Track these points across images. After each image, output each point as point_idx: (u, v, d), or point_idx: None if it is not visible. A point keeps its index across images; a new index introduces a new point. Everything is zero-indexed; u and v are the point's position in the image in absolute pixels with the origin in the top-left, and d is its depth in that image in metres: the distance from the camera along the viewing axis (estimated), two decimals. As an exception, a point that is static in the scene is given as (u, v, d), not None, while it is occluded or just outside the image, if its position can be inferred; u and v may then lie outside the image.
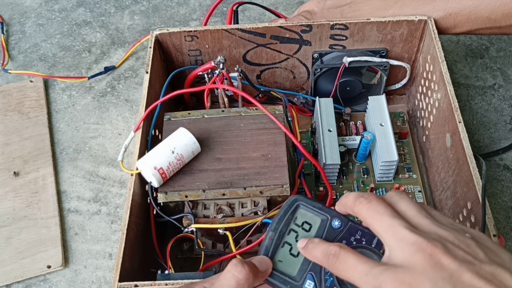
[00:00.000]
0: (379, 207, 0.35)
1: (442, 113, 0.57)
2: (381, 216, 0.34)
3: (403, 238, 0.32)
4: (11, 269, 0.60)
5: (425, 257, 0.31)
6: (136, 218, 0.50)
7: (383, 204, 0.35)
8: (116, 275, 0.45)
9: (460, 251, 0.31)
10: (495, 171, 0.66)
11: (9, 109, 0.75)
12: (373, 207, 0.35)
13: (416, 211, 0.34)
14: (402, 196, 0.36)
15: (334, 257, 0.35)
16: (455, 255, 0.31)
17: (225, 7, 0.87)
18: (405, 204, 0.35)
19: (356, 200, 0.36)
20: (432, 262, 0.31)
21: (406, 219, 0.34)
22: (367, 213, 0.35)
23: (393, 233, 0.33)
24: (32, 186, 0.67)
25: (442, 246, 0.31)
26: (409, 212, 0.35)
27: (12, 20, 0.87)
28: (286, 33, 0.62)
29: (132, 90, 0.77)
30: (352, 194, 0.36)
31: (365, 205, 0.35)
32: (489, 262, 0.31)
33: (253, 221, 0.50)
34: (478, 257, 0.31)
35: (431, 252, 0.31)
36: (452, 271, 0.30)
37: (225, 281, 0.35)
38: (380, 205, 0.35)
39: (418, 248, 0.31)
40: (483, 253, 0.31)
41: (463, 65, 0.77)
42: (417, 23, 0.60)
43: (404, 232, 0.32)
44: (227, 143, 0.55)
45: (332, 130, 0.61)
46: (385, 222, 0.34)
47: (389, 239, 0.33)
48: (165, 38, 0.62)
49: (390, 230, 0.33)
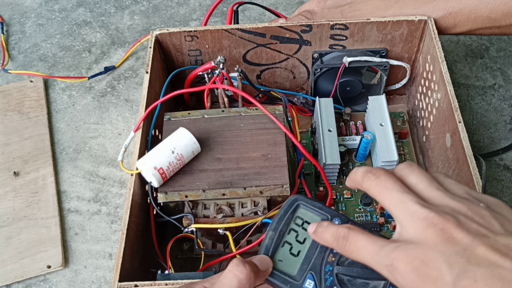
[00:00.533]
0: (388, 183, 0.34)
1: (442, 113, 0.57)
2: (390, 192, 0.33)
3: (413, 214, 0.31)
4: (11, 269, 0.60)
5: (436, 232, 0.30)
6: (136, 218, 0.50)
7: (392, 179, 0.34)
8: (116, 275, 0.45)
9: (473, 223, 0.30)
10: (495, 171, 0.66)
11: (9, 109, 0.75)
12: (382, 182, 0.34)
13: (427, 183, 0.33)
14: (412, 168, 0.35)
15: (344, 239, 0.34)
16: (468, 228, 0.30)
17: (225, 7, 0.87)
18: (415, 176, 0.34)
19: (365, 176, 0.35)
20: (444, 237, 0.30)
21: (417, 192, 0.33)
22: (375, 189, 0.34)
23: (403, 209, 0.32)
24: (32, 186, 0.67)
25: (454, 219, 0.30)
26: (420, 185, 0.33)
27: (12, 20, 0.87)
28: (286, 33, 0.62)
29: (132, 90, 0.77)
30: (361, 169, 0.36)
31: (373, 181, 0.34)
32: (505, 234, 0.29)
33: (253, 221, 0.50)
34: (492, 229, 0.30)
35: (443, 227, 0.30)
36: (465, 245, 0.29)
37: (227, 281, 0.35)
38: (389, 180, 0.34)
39: (429, 223, 0.30)
40: (499, 224, 0.30)
41: (463, 65, 0.77)
42: (417, 23, 0.60)
43: (415, 207, 0.31)
44: (227, 143, 0.54)
45: (332, 130, 0.61)
46: (395, 198, 0.33)
47: (400, 215, 0.32)
48: (165, 38, 0.62)
49: (400, 206, 0.32)
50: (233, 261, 0.35)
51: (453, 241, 0.29)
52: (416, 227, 0.31)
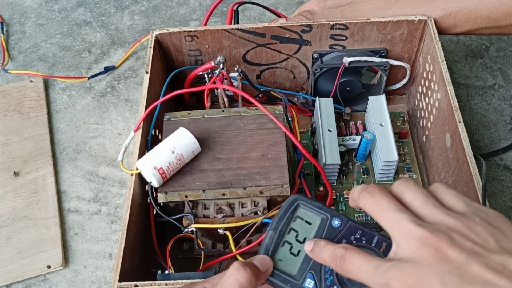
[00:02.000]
0: (383, 201, 0.34)
1: (442, 113, 0.57)
2: (385, 211, 0.33)
3: (408, 233, 0.31)
4: (11, 269, 0.60)
5: (430, 252, 0.30)
6: (136, 218, 0.50)
7: (386, 197, 0.34)
8: (116, 275, 0.45)
9: (468, 241, 0.30)
10: (495, 171, 0.66)
11: (9, 109, 0.75)
12: (377, 201, 0.34)
13: (423, 200, 0.33)
14: (408, 185, 0.35)
15: (341, 259, 0.34)
16: (462, 246, 0.30)
17: (225, 7, 0.87)
18: (411, 194, 0.34)
19: (360, 195, 0.35)
20: (438, 256, 0.30)
21: (413, 210, 0.33)
22: (371, 208, 0.34)
23: (398, 228, 0.32)
24: (32, 186, 0.67)
25: (448, 238, 0.30)
26: (415, 202, 0.34)
27: (12, 20, 0.87)
28: (286, 33, 0.62)
29: (132, 90, 0.77)
30: (358, 188, 0.36)
31: (368, 199, 0.35)
32: (500, 251, 0.29)
33: (253, 221, 0.50)
34: (487, 247, 0.30)
35: (437, 246, 0.30)
36: (459, 264, 0.29)
37: (228, 285, 0.35)
38: (384, 199, 0.34)
39: (423, 243, 0.30)
40: (494, 241, 0.30)
41: (463, 65, 0.77)
42: (417, 23, 0.60)
43: (409, 226, 0.32)
44: (227, 143, 0.54)
45: (332, 130, 0.61)
46: (390, 217, 0.33)
47: (395, 234, 0.33)
48: (165, 38, 0.62)
49: (395, 225, 0.32)
50: (234, 264, 0.35)
51: (447, 260, 0.30)
52: (411, 246, 0.31)
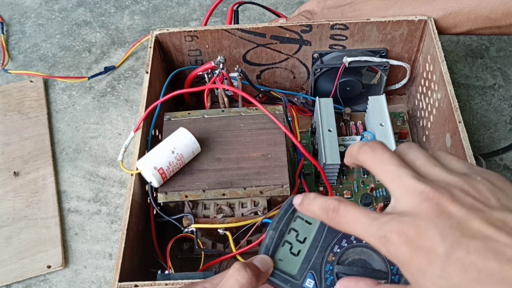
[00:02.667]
0: (384, 156, 0.33)
1: (442, 113, 0.57)
2: (387, 165, 0.33)
3: (409, 188, 0.31)
4: (11, 269, 0.60)
5: (431, 206, 0.30)
6: (136, 218, 0.50)
7: (388, 152, 0.33)
8: (116, 275, 0.45)
9: (469, 197, 0.30)
10: (495, 171, 0.66)
11: (9, 109, 0.75)
12: (378, 155, 0.33)
13: (425, 160, 0.33)
14: (411, 146, 0.34)
15: (334, 211, 0.33)
16: (463, 202, 0.30)
17: (225, 7, 0.87)
18: (414, 154, 0.34)
19: (361, 149, 0.34)
20: (439, 211, 0.29)
21: (414, 168, 0.33)
22: (372, 162, 0.34)
23: (399, 183, 0.32)
24: (32, 186, 0.67)
25: (449, 194, 0.30)
26: (417, 162, 0.33)
27: (12, 20, 0.87)
28: (286, 33, 0.62)
29: (132, 90, 0.77)
30: (358, 143, 0.35)
31: (369, 153, 0.34)
32: (500, 208, 0.29)
33: (253, 221, 0.50)
34: (488, 203, 0.30)
35: (438, 201, 0.30)
36: (460, 219, 0.29)
37: (228, 286, 0.34)
38: (385, 153, 0.33)
39: (424, 197, 0.30)
40: (495, 198, 0.30)
41: (463, 65, 0.77)
42: (417, 23, 0.60)
43: (411, 181, 0.31)
44: (227, 143, 0.54)
45: (332, 130, 0.61)
46: (391, 171, 0.32)
47: (395, 189, 0.32)
48: (165, 38, 0.62)
49: (396, 179, 0.32)
50: (234, 265, 0.35)
51: (448, 215, 0.29)
52: (411, 200, 0.31)
